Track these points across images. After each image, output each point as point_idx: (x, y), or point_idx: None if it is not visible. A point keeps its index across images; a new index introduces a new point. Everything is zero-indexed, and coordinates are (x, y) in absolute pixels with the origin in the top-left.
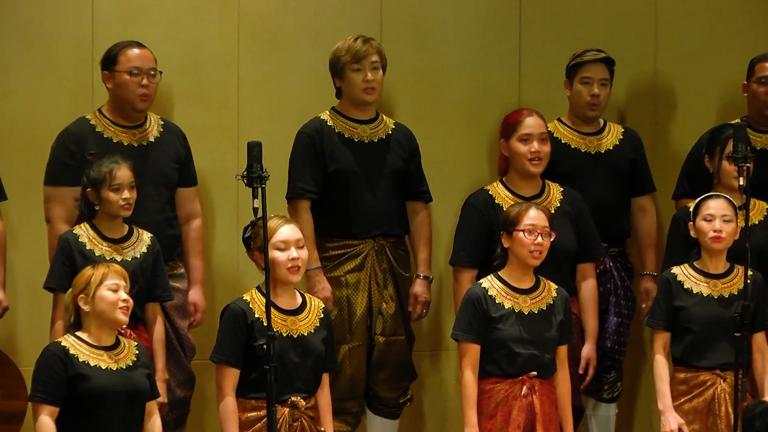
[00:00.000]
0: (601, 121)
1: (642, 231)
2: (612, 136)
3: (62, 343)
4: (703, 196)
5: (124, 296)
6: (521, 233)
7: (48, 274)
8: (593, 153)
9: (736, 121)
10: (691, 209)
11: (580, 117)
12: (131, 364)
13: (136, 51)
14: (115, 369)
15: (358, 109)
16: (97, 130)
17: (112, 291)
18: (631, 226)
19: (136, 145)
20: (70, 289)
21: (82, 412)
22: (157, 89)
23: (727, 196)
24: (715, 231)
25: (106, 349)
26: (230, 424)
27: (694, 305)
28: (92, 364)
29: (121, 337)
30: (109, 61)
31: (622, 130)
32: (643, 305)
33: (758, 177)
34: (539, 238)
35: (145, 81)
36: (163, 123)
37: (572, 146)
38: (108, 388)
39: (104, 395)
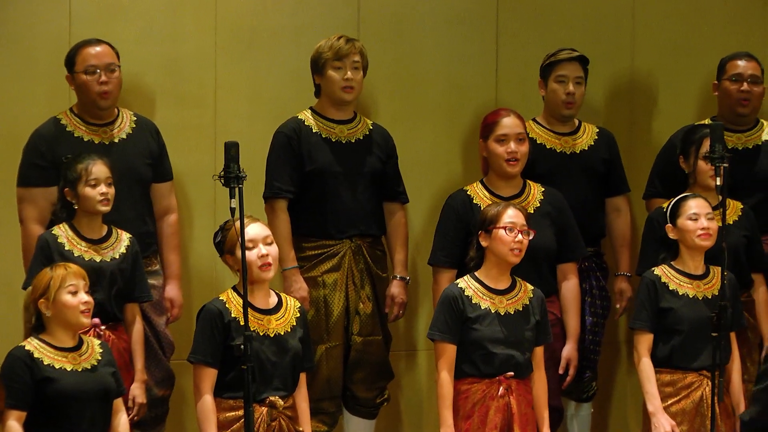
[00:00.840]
0: (576, 121)
1: (616, 231)
2: (587, 136)
3: (26, 347)
4: (679, 197)
5: (85, 298)
6: (501, 231)
7: (27, 274)
8: (568, 153)
9: (706, 121)
10: (665, 209)
11: (555, 116)
12: (96, 364)
13: (92, 49)
14: (80, 370)
15: (336, 108)
16: (67, 129)
17: (71, 294)
18: (606, 227)
19: (107, 143)
20: (30, 291)
21: (51, 415)
22: (120, 84)
23: (703, 196)
24: (702, 228)
25: (70, 350)
26: (209, 423)
27: (683, 306)
28: (57, 367)
29: (84, 337)
30: (69, 63)
31: (597, 130)
32: (618, 305)
33: (731, 176)
34: (519, 236)
35: (103, 78)
36: (135, 119)
37: (547, 146)
38: (75, 389)
39: (72, 397)
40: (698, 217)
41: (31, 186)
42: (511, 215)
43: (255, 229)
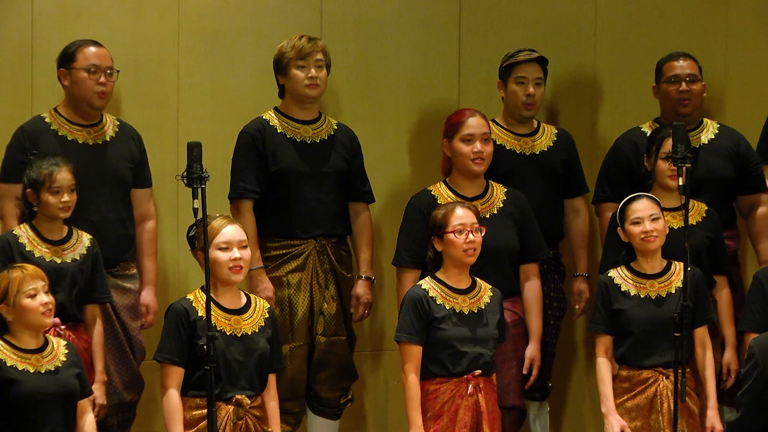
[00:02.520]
0: (535, 122)
1: (575, 232)
2: (546, 137)
3: None
4: (625, 200)
5: (45, 299)
6: (452, 235)
7: None
8: (528, 154)
9: (648, 123)
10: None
11: (515, 117)
12: (60, 366)
13: (94, 49)
14: (43, 372)
15: (301, 108)
16: (52, 128)
17: (30, 297)
18: (564, 227)
19: (91, 144)
20: None
21: (13, 416)
22: (113, 88)
23: (651, 195)
24: (645, 232)
25: (34, 352)
26: (174, 421)
27: (633, 307)
28: (20, 368)
29: (50, 337)
30: (67, 58)
31: (556, 131)
32: (577, 306)
33: (688, 176)
34: (470, 236)
35: (102, 79)
36: (118, 123)
37: (507, 147)
38: (38, 391)
39: (34, 399)
40: (641, 221)
41: (14, 182)
42: (460, 216)
43: (231, 232)
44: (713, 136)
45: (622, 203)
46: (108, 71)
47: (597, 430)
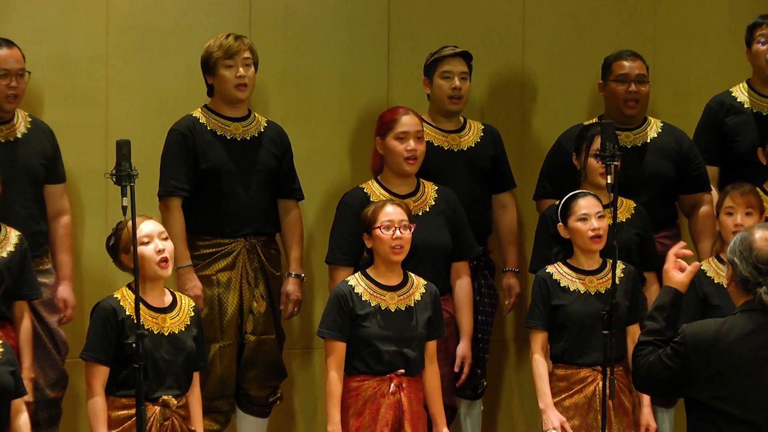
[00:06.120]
0: (462, 119)
1: (503, 227)
2: (473, 133)
3: None
4: (569, 196)
5: None
6: (378, 230)
7: None
8: (456, 150)
9: (593, 120)
10: (558, 207)
11: (441, 113)
12: None
13: (5, 51)
14: None
15: (230, 106)
16: None
17: None
18: (492, 223)
19: (3, 141)
20: None
21: None
22: (25, 89)
23: (594, 193)
24: (593, 230)
25: None
26: (99, 422)
27: (573, 303)
28: None
29: None
30: None
31: (482, 127)
32: (507, 302)
33: (622, 175)
34: (398, 232)
35: (13, 83)
36: (31, 120)
37: (435, 144)
38: None
39: None
40: (588, 217)
41: None
42: (389, 212)
43: (150, 226)
44: (656, 135)
45: (564, 199)
46: (19, 73)
47: (527, 428)
